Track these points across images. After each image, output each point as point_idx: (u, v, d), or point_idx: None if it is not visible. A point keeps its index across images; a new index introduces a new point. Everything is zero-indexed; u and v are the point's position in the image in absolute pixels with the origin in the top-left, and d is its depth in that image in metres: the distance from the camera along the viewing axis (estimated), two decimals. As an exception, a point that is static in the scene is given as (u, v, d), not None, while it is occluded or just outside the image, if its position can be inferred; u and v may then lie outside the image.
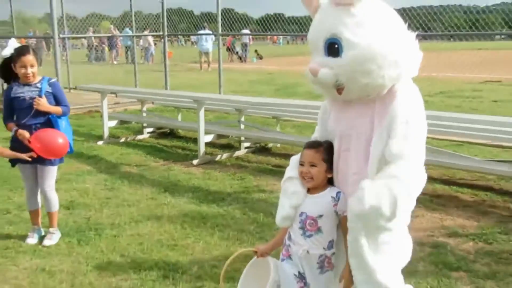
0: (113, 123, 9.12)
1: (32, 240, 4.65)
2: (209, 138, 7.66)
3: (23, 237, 4.76)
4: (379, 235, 2.49)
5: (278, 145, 8.09)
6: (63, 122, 4.59)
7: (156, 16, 12.28)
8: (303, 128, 8.72)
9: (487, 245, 4.46)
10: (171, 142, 8.95)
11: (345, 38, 2.38)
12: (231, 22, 13.23)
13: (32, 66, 4.35)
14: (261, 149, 8.01)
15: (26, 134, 4.24)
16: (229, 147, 8.12)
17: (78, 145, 8.68)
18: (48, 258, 4.38)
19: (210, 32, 16.98)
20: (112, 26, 20.54)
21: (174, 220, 5.21)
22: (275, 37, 32.56)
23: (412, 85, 2.53)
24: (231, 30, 13.75)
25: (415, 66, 2.48)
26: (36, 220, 4.76)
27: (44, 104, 4.37)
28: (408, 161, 2.37)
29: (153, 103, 10.39)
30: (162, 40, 12.92)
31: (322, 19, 2.53)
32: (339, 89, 2.49)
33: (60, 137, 4.37)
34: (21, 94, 4.40)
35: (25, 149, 4.24)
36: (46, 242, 4.61)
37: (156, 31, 13.53)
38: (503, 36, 9.00)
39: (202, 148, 7.45)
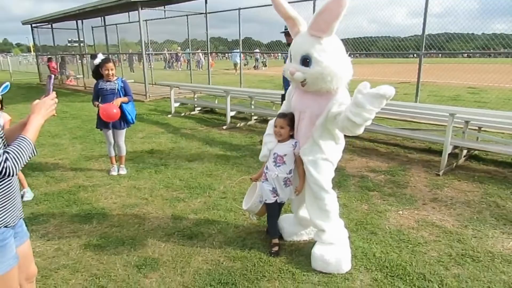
0: (177, 104, 9.13)
1: (114, 172, 4.74)
2: (232, 113, 7.65)
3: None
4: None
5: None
6: (129, 106, 4.58)
7: (204, 41, 12.17)
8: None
9: (392, 177, 4.50)
10: (211, 116, 8.91)
11: (313, 57, 2.40)
12: (249, 45, 13.10)
13: (111, 69, 4.41)
14: (263, 121, 7.97)
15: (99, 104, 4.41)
16: (245, 119, 8.08)
17: (156, 117, 8.78)
18: (137, 181, 4.53)
19: (238, 51, 16.88)
20: (178, 48, 20.20)
21: (210, 160, 5.29)
22: (276, 54, 31.90)
23: (345, 87, 2.55)
24: (249, 49, 13.64)
25: (349, 77, 2.50)
26: (113, 161, 4.78)
27: (117, 101, 4.40)
28: None
29: (200, 92, 10.26)
30: (207, 56, 12.80)
31: (301, 41, 2.49)
32: (303, 84, 2.54)
33: (114, 109, 4.33)
34: (104, 87, 4.44)
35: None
36: (121, 172, 4.77)
37: (204, 50, 13.36)
38: (414, 55, 8.86)
39: (228, 119, 7.47)
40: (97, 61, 4.42)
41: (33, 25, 17.53)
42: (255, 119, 7.91)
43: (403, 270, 2.63)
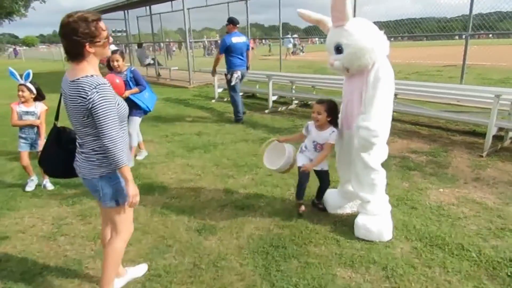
0: (220, 90, 9.45)
1: (140, 157, 4.90)
2: (274, 97, 7.84)
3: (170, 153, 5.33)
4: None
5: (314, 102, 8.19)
6: (146, 94, 4.54)
7: (243, 28, 12.35)
8: (329, 92, 8.79)
9: (434, 158, 4.57)
10: (253, 100, 9.16)
11: (343, 43, 2.69)
12: (287, 30, 13.09)
13: (117, 60, 4.34)
14: (304, 105, 8.12)
15: None
16: (286, 103, 8.24)
17: (201, 102, 9.19)
18: (189, 159, 4.90)
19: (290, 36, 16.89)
20: (217, 35, 20.52)
21: (255, 142, 5.57)
22: (313, 39, 31.49)
23: (386, 61, 2.71)
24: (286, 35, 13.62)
25: (385, 51, 2.69)
26: (141, 146, 4.96)
27: (126, 94, 4.31)
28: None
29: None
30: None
31: (331, 35, 2.82)
32: (348, 71, 2.80)
33: (116, 79, 4.17)
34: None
35: None
36: (139, 157, 4.90)
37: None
38: (461, 37, 8.51)
39: (271, 103, 7.68)
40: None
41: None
42: (295, 103, 8.08)
43: (442, 240, 2.80)
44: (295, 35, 17.49)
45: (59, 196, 3.86)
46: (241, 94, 9.48)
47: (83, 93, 1.82)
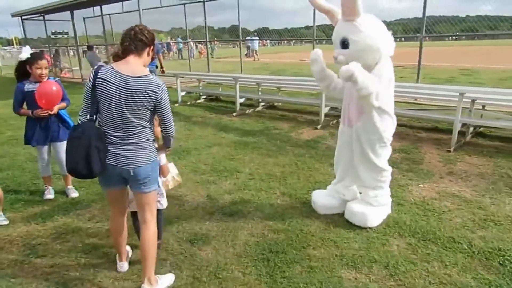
0: (183, 93, 9.18)
1: (50, 195, 3.79)
2: (241, 100, 7.74)
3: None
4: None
5: (280, 103, 8.24)
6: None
7: (193, 30, 12.14)
8: (293, 94, 8.91)
9: (407, 154, 4.78)
10: (217, 103, 9.01)
11: (350, 38, 2.70)
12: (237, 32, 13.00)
13: (46, 68, 3.47)
14: (270, 107, 8.14)
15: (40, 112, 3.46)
16: (252, 105, 8.17)
17: (162, 106, 8.90)
18: None
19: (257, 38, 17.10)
20: (169, 37, 20.07)
21: (229, 145, 5.48)
22: (264, 41, 31.90)
23: (389, 62, 2.79)
24: (236, 37, 13.57)
25: (390, 51, 2.76)
26: (48, 182, 3.86)
27: (54, 110, 3.51)
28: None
29: (203, 81, 10.17)
30: (206, 44, 12.80)
31: (338, 28, 2.81)
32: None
33: (53, 86, 3.47)
34: (33, 89, 3.42)
35: (40, 123, 3.56)
36: (73, 194, 3.85)
37: (196, 40, 13.23)
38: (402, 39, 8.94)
39: (238, 106, 7.58)
40: (23, 55, 3.43)
41: (23, 17, 17.22)
42: (262, 105, 8.07)
43: (433, 235, 2.91)
44: (256, 38, 17.53)
45: (25, 213, 3.49)
46: (204, 97, 9.38)
47: (155, 88, 2.12)
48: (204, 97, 9.42)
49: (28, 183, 4.21)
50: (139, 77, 2.10)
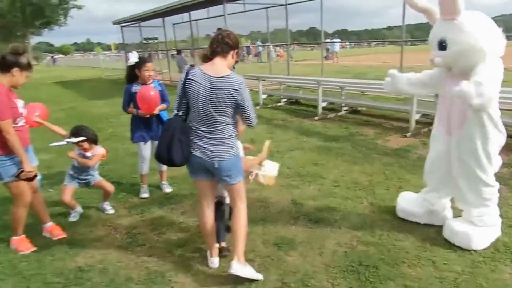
0: (264, 96, 9.32)
1: (145, 194, 4.01)
2: (324, 104, 7.60)
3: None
4: None
5: (364, 108, 7.93)
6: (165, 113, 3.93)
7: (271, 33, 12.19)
8: (378, 98, 8.51)
9: None
10: (297, 107, 8.97)
11: (449, 38, 2.47)
12: (314, 34, 12.83)
13: (152, 70, 3.71)
14: (354, 111, 7.85)
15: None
16: (334, 110, 7.98)
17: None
18: None
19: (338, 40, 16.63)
20: (248, 41, 20.57)
21: (312, 150, 5.42)
22: (343, 43, 31.03)
23: (496, 63, 2.49)
24: (314, 39, 13.36)
25: (499, 51, 2.48)
26: (145, 180, 4.10)
27: (156, 111, 3.74)
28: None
29: (284, 84, 10.18)
30: (287, 48, 12.82)
31: (436, 28, 2.60)
32: (449, 69, 2.64)
33: (151, 91, 3.67)
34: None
35: (144, 122, 3.82)
36: (167, 190, 4.12)
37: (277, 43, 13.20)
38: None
39: (320, 110, 7.48)
40: (132, 60, 3.67)
41: (122, 24, 19.09)
42: (345, 110, 7.85)
43: (555, 265, 2.53)
44: (337, 39, 17.22)
45: (126, 204, 3.84)
46: (284, 100, 9.42)
47: (236, 86, 2.27)
48: (285, 100, 9.45)
49: (128, 176, 4.63)
50: (222, 77, 2.28)
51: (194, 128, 2.39)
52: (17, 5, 22.92)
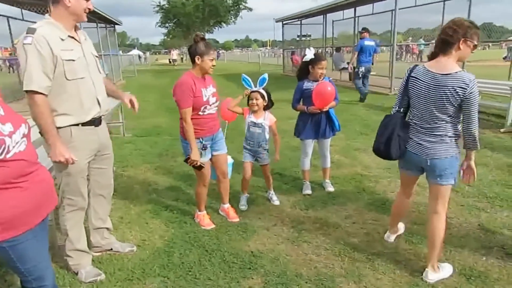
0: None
1: (308, 191, 3.98)
2: (514, 114, 6.34)
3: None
4: None
5: None
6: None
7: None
8: None
9: None
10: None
11: None
12: (489, 31, 10.63)
13: (325, 68, 3.68)
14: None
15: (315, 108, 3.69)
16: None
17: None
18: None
19: None
20: (410, 39, 18.77)
21: (500, 168, 4.54)
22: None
23: None
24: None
25: None
26: (306, 177, 4.08)
27: (326, 108, 3.67)
28: None
29: None
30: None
31: None
32: None
33: (328, 86, 3.61)
34: (311, 87, 3.67)
35: (313, 119, 3.77)
36: (330, 189, 4.03)
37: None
38: None
39: (509, 121, 6.27)
40: (308, 57, 3.67)
41: (284, 22, 20.02)
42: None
43: None
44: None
45: (290, 197, 3.91)
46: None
47: (462, 84, 2.18)
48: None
49: (290, 170, 4.74)
50: (448, 74, 2.23)
51: (413, 124, 2.46)
52: (200, 7, 26.45)
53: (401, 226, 3.08)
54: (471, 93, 2.18)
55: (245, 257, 2.79)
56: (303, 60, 3.77)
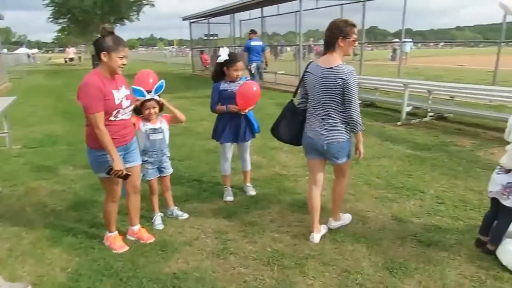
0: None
1: (229, 197, 3.79)
2: (408, 108, 7.05)
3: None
4: None
5: (451, 115, 7.20)
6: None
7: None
8: (465, 104, 7.66)
9: None
10: (375, 110, 8.44)
11: None
12: (375, 34, 12.05)
13: (242, 69, 3.52)
14: (440, 118, 7.17)
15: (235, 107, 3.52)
16: (416, 114, 7.37)
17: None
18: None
19: (410, 40, 15.72)
20: (311, 39, 19.91)
21: (401, 159, 4.95)
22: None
23: None
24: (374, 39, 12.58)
25: None
26: (227, 182, 3.90)
27: (246, 110, 3.55)
28: None
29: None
30: (361, 46, 12.20)
31: None
32: None
33: (254, 86, 3.51)
34: (228, 89, 3.50)
35: (232, 122, 3.61)
36: (252, 192, 3.91)
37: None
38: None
39: (404, 115, 6.93)
40: (222, 57, 3.49)
41: (191, 20, 19.54)
42: (430, 116, 7.19)
43: None
44: (408, 40, 16.20)
45: (211, 205, 3.69)
46: (359, 102, 8.87)
47: (342, 75, 2.55)
48: (359, 102, 8.88)
49: (208, 175, 4.50)
50: (331, 67, 2.61)
51: (311, 113, 2.81)
52: (98, 3, 24.37)
53: (323, 228, 3.09)
54: (348, 83, 2.54)
55: (166, 280, 2.49)
56: (217, 61, 3.57)
